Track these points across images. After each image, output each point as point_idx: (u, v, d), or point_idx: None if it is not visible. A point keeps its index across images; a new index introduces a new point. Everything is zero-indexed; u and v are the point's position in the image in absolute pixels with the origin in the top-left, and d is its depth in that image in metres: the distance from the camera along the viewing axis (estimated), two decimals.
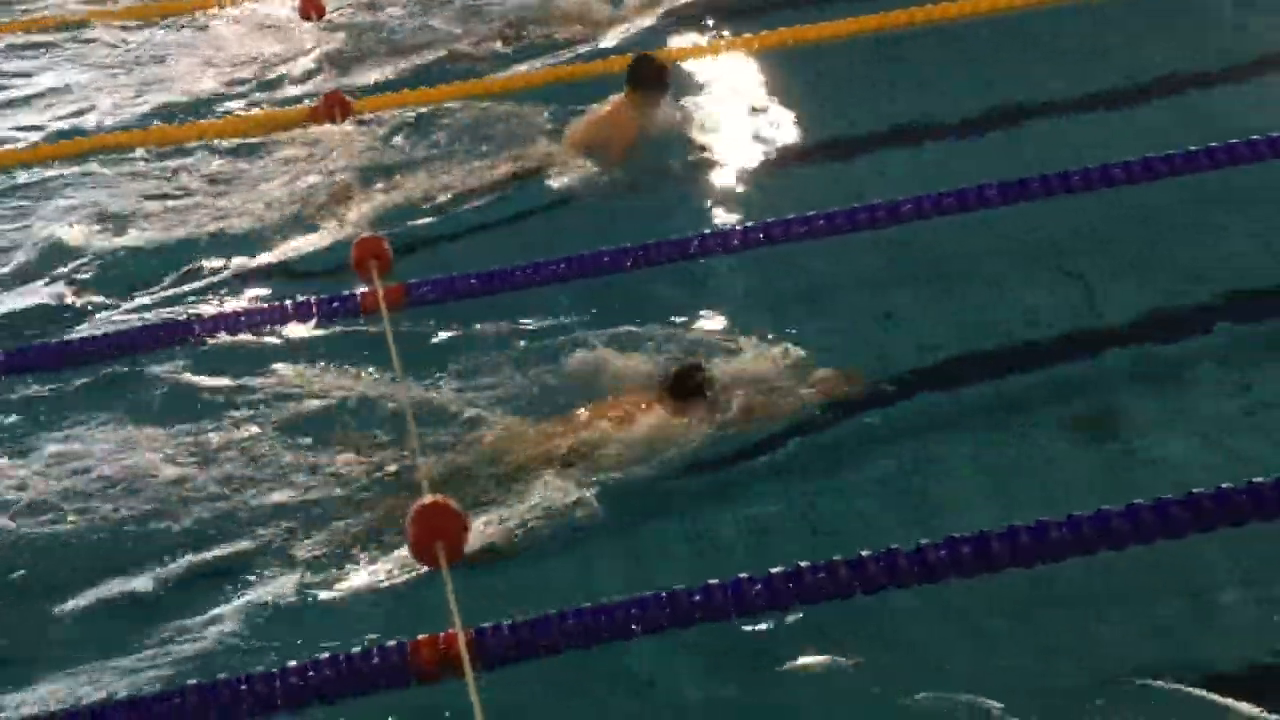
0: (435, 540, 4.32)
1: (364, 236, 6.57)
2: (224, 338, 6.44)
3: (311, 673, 4.37)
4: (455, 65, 9.33)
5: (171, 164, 8.26)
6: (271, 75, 9.55)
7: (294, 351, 6.34)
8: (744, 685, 4.46)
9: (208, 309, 6.78)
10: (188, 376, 6.23)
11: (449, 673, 4.23)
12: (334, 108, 8.32)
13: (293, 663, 4.45)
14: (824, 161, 7.71)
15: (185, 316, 6.72)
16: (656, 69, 8.02)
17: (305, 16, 9.94)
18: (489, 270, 6.57)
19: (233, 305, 6.79)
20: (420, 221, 7.42)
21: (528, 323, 6.33)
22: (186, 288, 7.02)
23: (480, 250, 7.07)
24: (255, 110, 8.95)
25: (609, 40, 9.50)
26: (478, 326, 6.34)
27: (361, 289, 6.43)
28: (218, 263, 7.20)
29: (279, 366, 6.22)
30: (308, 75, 9.47)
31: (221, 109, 9.11)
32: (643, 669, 4.53)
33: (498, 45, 9.55)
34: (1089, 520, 4.53)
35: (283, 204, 7.69)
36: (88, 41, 10.40)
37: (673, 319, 6.25)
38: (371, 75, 9.32)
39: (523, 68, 9.14)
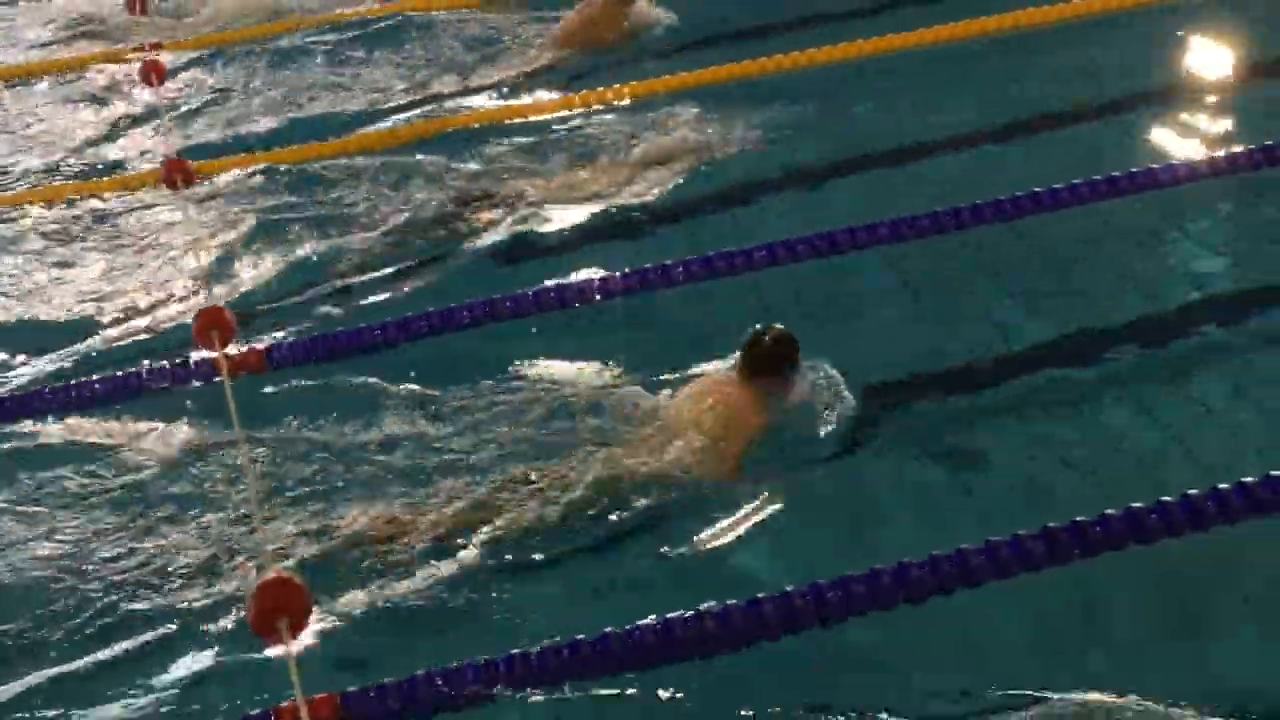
0: (278, 616, 4.21)
1: (205, 307, 6.43)
2: (69, 410, 6.22)
3: None
4: (306, 125, 9.21)
5: (7, 232, 8.02)
6: (111, 142, 9.35)
7: (142, 424, 6.13)
8: None
9: (51, 380, 6.55)
10: (28, 451, 5.99)
11: None
12: (175, 174, 8.15)
13: None
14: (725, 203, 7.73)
15: (27, 388, 6.49)
16: None
17: (146, 81, 9.75)
18: (354, 328, 6.47)
19: (75, 376, 6.55)
20: (272, 288, 7.26)
21: (399, 383, 6.19)
22: (23, 360, 6.79)
23: (341, 310, 6.97)
24: (94, 178, 8.73)
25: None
26: (345, 389, 6.19)
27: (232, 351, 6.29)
28: (56, 334, 6.98)
29: (127, 439, 6.02)
30: (149, 141, 9.27)
31: (60, 176, 8.88)
32: None
33: (349, 104, 9.47)
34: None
35: (125, 271, 7.50)
36: None
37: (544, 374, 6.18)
38: (215, 138, 9.16)
39: (384, 125, 9.05)
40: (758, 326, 5.74)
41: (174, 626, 4.96)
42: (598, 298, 6.61)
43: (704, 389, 5.74)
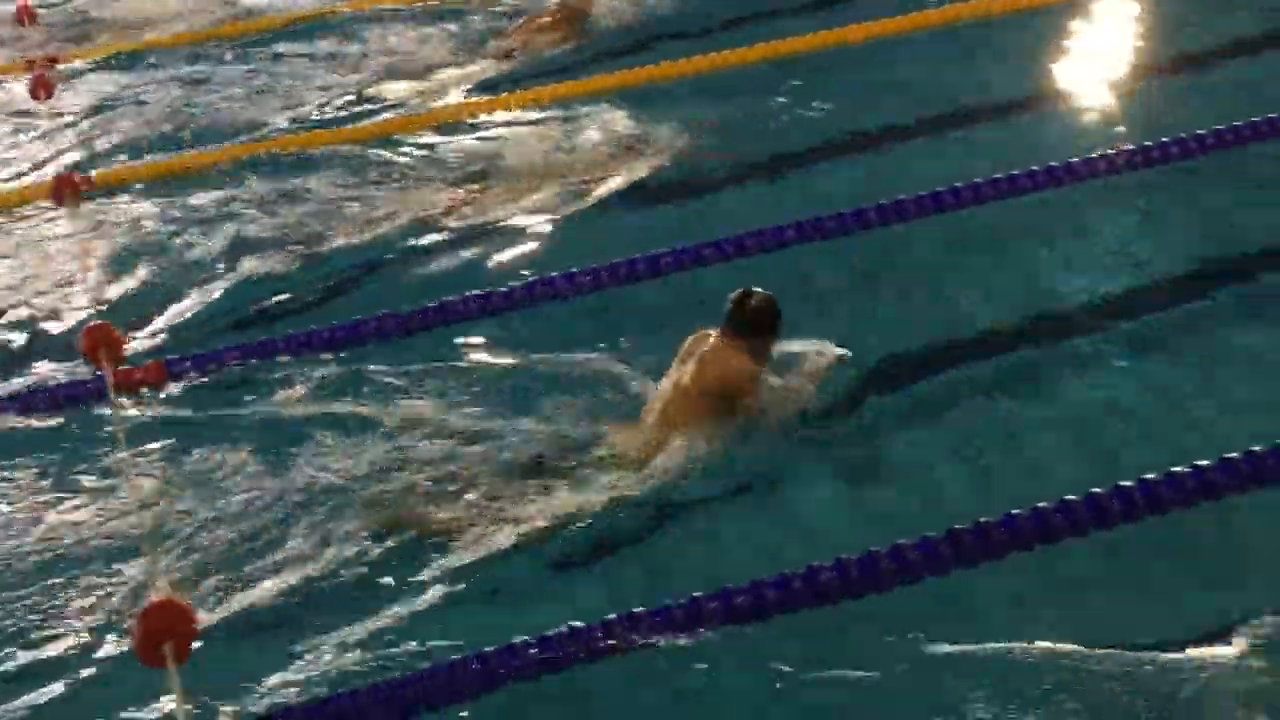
0: (163, 640, 4.06)
1: (92, 324, 6.36)
2: None
3: None
4: (210, 133, 9.08)
5: None
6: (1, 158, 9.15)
7: (35, 443, 5.99)
8: None
9: None
10: None
11: None
12: (63, 189, 8.02)
13: None
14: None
15: None
16: None
17: (35, 96, 9.58)
18: (255, 341, 6.43)
19: None
20: (171, 301, 7.13)
21: (304, 396, 6.12)
22: None
23: (246, 322, 6.91)
24: None
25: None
26: (247, 403, 6.10)
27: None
28: None
29: (14, 458, 5.88)
30: (38, 157, 9.09)
31: None
32: None
33: (241, 114, 9.35)
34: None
35: (13, 289, 7.36)
36: None
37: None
38: (105, 153, 9.00)
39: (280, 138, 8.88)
40: (740, 290, 5.71)
41: (59, 652, 4.84)
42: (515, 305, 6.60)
43: (686, 349, 5.75)
